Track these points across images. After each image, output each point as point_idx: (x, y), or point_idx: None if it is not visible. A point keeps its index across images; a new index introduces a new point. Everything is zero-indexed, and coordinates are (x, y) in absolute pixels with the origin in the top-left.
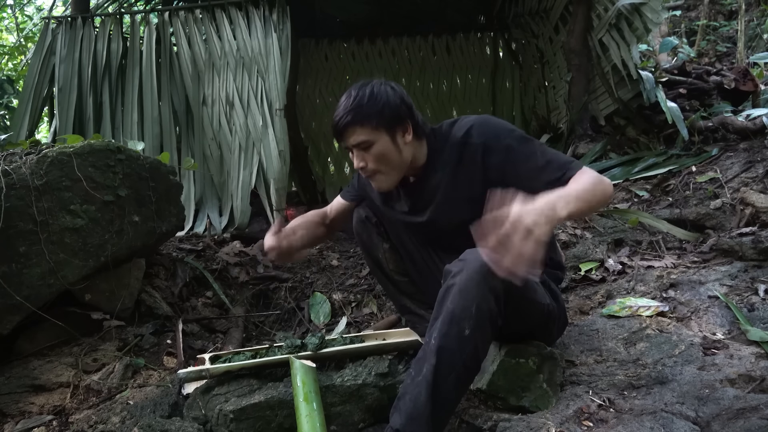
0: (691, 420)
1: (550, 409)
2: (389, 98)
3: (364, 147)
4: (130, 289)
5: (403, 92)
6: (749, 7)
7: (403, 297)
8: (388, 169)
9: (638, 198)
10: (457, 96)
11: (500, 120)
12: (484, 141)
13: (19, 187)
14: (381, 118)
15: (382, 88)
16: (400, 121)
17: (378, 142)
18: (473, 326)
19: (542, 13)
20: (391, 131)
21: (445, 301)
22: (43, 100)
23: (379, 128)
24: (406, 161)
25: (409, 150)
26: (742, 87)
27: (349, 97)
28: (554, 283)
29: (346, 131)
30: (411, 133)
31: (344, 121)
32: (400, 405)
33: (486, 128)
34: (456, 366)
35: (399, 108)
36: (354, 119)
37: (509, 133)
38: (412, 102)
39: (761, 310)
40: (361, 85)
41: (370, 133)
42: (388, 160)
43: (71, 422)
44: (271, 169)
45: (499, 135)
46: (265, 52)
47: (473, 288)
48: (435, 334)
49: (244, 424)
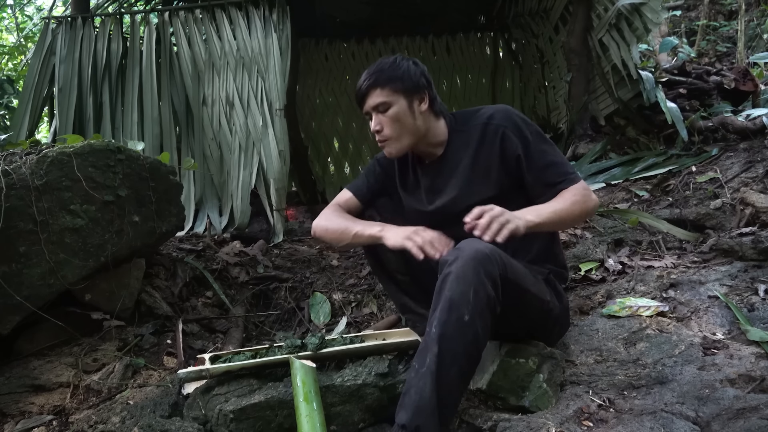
0: (691, 420)
1: (550, 409)
2: (410, 68)
3: (382, 109)
4: (130, 289)
5: (425, 69)
6: (749, 7)
7: (404, 296)
8: (401, 133)
9: (638, 198)
10: (457, 96)
11: (521, 113)
12: (504, 126)
13: (19, 187)
14: (400, 83)
15: (404, 60)
16: (417, 90)
17: (395, 105)
18: (472, 312)
19: (542, 13)
20: (409, 97)
21: (443, 290)
22: (43, 100)
23: (398, 92)
24: (421, 130)
25: (424, 119)
26: (742, 87)
27: (374, 66)
28: (560, 282)
29: (368, 93)
30: (428, 103)
31: (366, 84)
32: (405, 400)
33: (508, 115)
34: (458, 353)
35: (419, 78)
36: (375, 82)
37: (528, 126)
38: (432, 81)
39: (761, 310)
40: (385, 57)
41: (388, 95)
42: (402, 124)
43: (71, 422)
44: (271, 169)
45: (519, 125)
46: (265, 52)
47: (470, 274)
48: (435, 323)
49: (244, 424)
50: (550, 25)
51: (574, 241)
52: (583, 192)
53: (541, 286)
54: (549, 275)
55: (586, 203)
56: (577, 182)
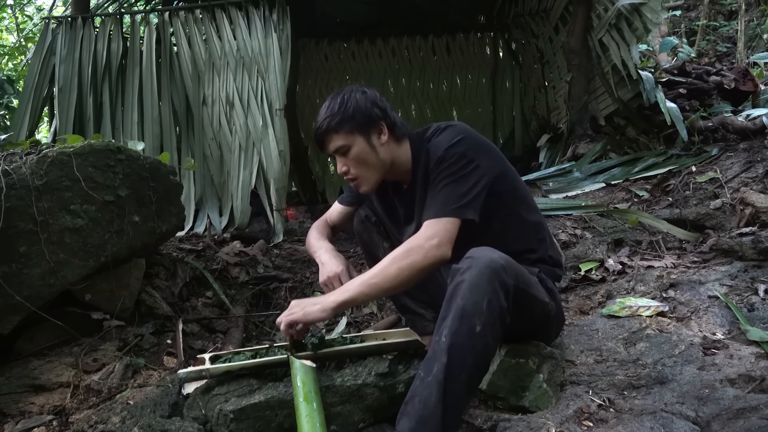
0: (691, 420)
1: (550, 409)
2: (359, 103)
3: (343, 152)
4: (130, 289)
5: (376, 96)
6: (749, 7)
7: (403, 296)
8: (367, 170)
9: (638, 198)
10: (457, 96)
11: (464, 131)
12: (431, 147)
13: (19, 187)
14: (353, 122)
15: (353, 94)
16: (372, 123)
17: (354, 146)
18: (484, 323)
19: (542, 13)
20: (365, 134)
21: (455, 298)
22: (43, 100)
23: (353, 132)
24: (386, 162)
25: (386, 151)
26: (742, 87)
27: (324, 108)
28: (552, 281)
29: (324, 139)
30: (386, 133)
31: (321, 130)
32: (408, 408)
33: (442, 136)
34: (467, 364)
35: (370, 111)
36: (329, 127)
37: (451, 145)
38: (387, 104)
39: (761, 310)
40: (334, 95)
41: (345, 137)
42: (366, 162)
43: (71, 422)
44: (271, 169)
45: (444, 142)
46: (265, 52)
47: (484, 283)
48: (445, 332)
49: (244, 424)
50: (550, 25)
51: (573, 241)
52: (425, 237)
53: (541, 288)
54: (539, 273)
55: (416, 255)
56: (439, 218)
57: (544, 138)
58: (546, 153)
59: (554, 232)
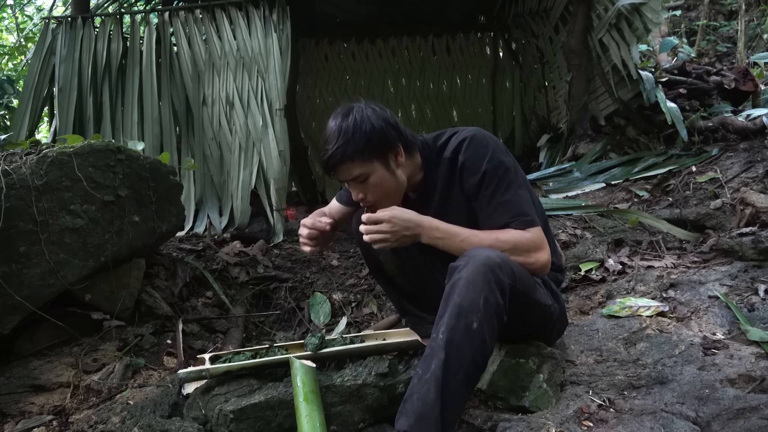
0: (691, 420)
1: (550, 409)
2: (373, 125)
3: (361, 180)
4: (130, 289)
5: (386, 113)
6: (749, 7)
7: (404, 299)
8: (387, 197)
9: (638, 198)
10: (457, 96)
11: (490, 140)
12: (464, 159)
13: (19, 187)
14: (371, 149)
15: (364, 114)
16: (390, 146)
17: (373, 174)
18: (481, 319)
19: (542, 13)
20: (384, 159)
21: (452, 296)
22: (43, 100)
23: (372, 159)
24: (404, 184)
25: (403, 171)
26: (742, 87)
27: (335, 131)
28: (554, 284)
29: (338, 168)
30: (402, 154)
31: (334, 159)
32: (406, 407)
33: (472, 146)
34: (465, 360)
35: (386, 132)
36: (344, 156)
37: (489, 159)
38: (396, 120)
39: (761, 310)
40: (342, 114)
41: (363, 166)
42: (386, 188)
43: (71, 422)
44: (271, 169)
45: (479, 157)
46: (265, 52)
47: (480, 280)
48: (442, 329)
49: (244, 424)
50: (550, 25)
51: (574, 241)
52: (523, 241)
53: (542, 290)
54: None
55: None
56: (531, 227)
57: (544, 138)
58: (546, 153)
59: (554, 232)
